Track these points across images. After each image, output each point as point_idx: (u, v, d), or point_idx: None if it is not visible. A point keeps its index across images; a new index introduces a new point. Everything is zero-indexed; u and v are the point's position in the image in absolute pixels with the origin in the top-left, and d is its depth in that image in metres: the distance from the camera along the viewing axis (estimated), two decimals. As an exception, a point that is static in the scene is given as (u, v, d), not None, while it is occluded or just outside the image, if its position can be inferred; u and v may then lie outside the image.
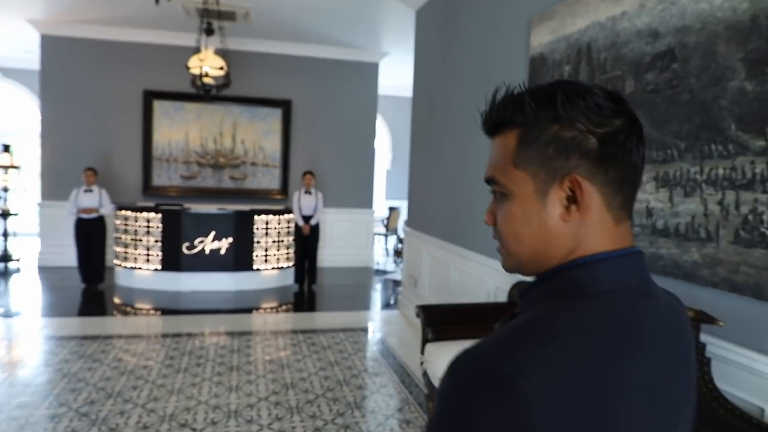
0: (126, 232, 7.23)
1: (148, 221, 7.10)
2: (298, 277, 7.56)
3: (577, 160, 0.70)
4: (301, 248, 7.47)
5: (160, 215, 7.09)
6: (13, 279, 7.86)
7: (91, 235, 7.02)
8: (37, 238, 8.58)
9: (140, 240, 7.14)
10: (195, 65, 6.10)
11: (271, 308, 6.85)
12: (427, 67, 6.07)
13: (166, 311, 6.47)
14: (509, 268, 0.79)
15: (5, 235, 8.56)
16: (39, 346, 4.88)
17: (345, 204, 9.18)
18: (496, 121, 0.76)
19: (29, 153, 11.12)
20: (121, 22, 8.10)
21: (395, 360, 4.83)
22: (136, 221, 7.15)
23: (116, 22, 8.11)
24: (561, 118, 0.70)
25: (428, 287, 5.64)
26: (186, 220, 7.12)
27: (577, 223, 0.71)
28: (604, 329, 0.64)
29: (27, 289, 7.31)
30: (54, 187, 8.24)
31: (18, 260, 8.60)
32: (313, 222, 7.37)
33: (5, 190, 8.53)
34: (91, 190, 6.98)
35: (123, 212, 7.25)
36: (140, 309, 6.53)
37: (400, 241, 9.20)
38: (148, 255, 7.14)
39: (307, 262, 7.51)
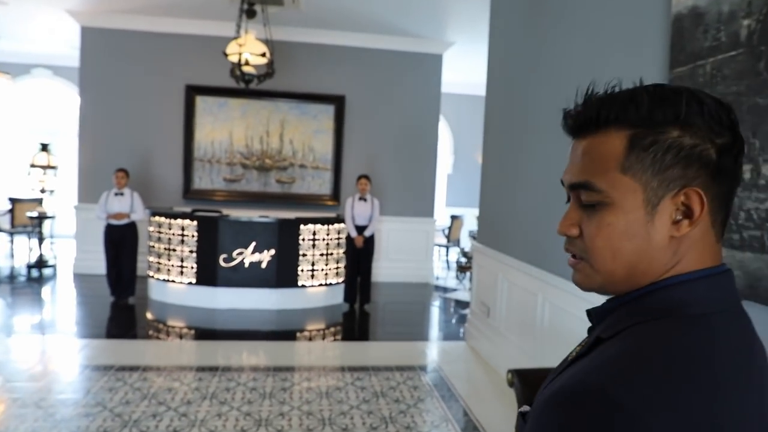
0: (159, 240, 6.50)
1: (183, 229, 6.34)
2: (349, 296, 6.63)
3: (696, 171, 0.65)
4: (353, 263, 6.53)
5: (195, 222, 6.31)
6: (46, 288, 7.29)
7: (120, 243, 6.32)
8: (74, 242, 8.03)
9: (173, 250, 6.39)
10: (233, 51, 5.27)
11: (317, 331, 5.95)
12: (505, 55, 5.04)
13: (199, 333, 5.68)
14: (592, 286, 0.71)
15: (41, 239, 8.05)
16: (56, 376, 4.13)
17: (403, 212, 8.20)
18: (596, 118, 0.68)
19: (71, 153, 10.71)
20: (163, 10, 7.43)
21: (460, 406, 3.79)
22: (169, 228, 6.40)
23: (157, 11, 7.45)
24: (682, 123, 0.64)
25: (505, 320, 4.57)
26: (223, 229, 6.31)
27: (681, 240, 0.66)
28: (719, 359, 0.60)
29: (57, 301, 6.69)
30: (91, 188, 7.64)
31: (53, 266, 8.08)
32: (367, 233, 6.42)
33: (42, 191, 8.00)
34: (122, 194, 6.28)
35: (156, 218, 6.52)
36: (171, 329, 5.76)
37: (464, 254, 8.15)
38: (182, 267, 6.37)
39: (359, 278, 6.57)
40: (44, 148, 7.95)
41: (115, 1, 7.21)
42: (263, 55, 5.39)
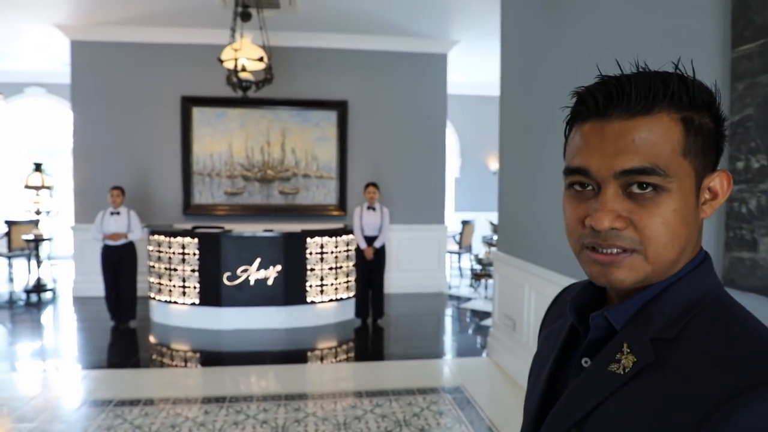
0: (159, 260, 6.17)
1: (183, 247, 6.01)
2: (361, 311, 6.28)
3: (715, 155, 0.67)
4: (363, 276, 6.19)
5: (196, 240, 5.98)
6: (44, 313, 6.98)
7: (119, 265, 6.00)
8: (73, 264, 7.72)
9: (174, 269, 6.06)
10: (229, 57, 4.95)
11: (329, 350, 5.62)
12: (520, 49, 4.71)
13: (204, 357, 5.35)
14: (636, 280, 0.66)
15: (38, 262, 7.73)
16: (51, 413, 3.80)
17: (413, 219, 7.86)
18: (650, 99, 0.64)
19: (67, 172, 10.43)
20: (154, 20, 7.14)
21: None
22: (169, 247, 6.07)
23: (149, 21, 7.15)
24: (713, 107, 0.66)
25: (534, 334, 4.22)
26: (226, 245, 5.99)
27: (700, 223, 0.69)
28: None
29: (55, 328, 6.37)
30: (88, 208, 7.33)
31: (53, 290, 7.76)
32: (377, 244, 6.08)
33: (38, 212, 7.69)
34: (118, 213, 5.97)
35: (155, 237, 6.20)
36: (175, 353, 5.43)
37: (478, 261, 7.80)
38: (184, 287, 6.04)
39: (371, 292, 6.23)
40: (38, 168, 7.65)
41: (104, 12, 6.93)
42: (261, 59, 5.08)
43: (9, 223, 8.43)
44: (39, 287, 7.62)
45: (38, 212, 7.70)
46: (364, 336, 6.06)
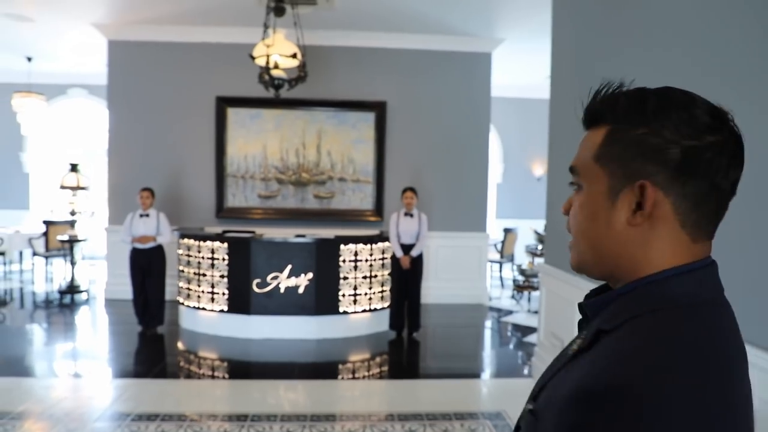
0: (189, 264, 5.98)
1: (213, 252, 5.79)
2: (396, 323, 5.94)
3: (655, 167, 0.69)
4: (399, 286, 5.85)
5: (225, 245, 5.76)
6: (75, 316, 6.89)
7: (147, 269, 5.83)
8: (105, 266, 7.65)
9: (203, 275, 5.85)
10: (261, 53, 4.70)
11: (361, 363, 5.31)
12: (573, 46, 4.33)
13: (232, 367, 5.13)
14: (574, 265, 0.80)
15: (73, 263, 7.68)
16: (64, 426, 3.59)
17: (452, 227, 7.47)
18: (592, 115, 0.77)
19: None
20: (190, 19, 7.00)
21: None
22: (199, 252, 5.87)
23: (184, 19, 7.02)
24: (650, 123, 0.70)
25: (586, 357, 3.79)
26: (256, 251, 5.74)
27: (645, 232, 0.71)
28: (719, 346, 0.65)
29: (83, 332, 6.25)
30: (121, 209, 7.22)
31: (86, 291, 7.70)
32: (414, 253, 5.73)
33: (73, 213, 7.64)
34: (147, 215, 5.80)
35: (185, 241, 6.01)
36: (202, 362, 5.21)
37: (521, 272, 7.36)
38: (212, 293, 5.82)
39: (406, 303, 5.88)
40: (74, 168, 7.60)
41: (140, 11, 6.82)
42: (294, 56, 4.81)
43: (47, 223, 8.44)
44: (72, 288, 7.56)
45: (73, 213, 7.65)
46: (398, 350, 5.72)
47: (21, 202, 10.73)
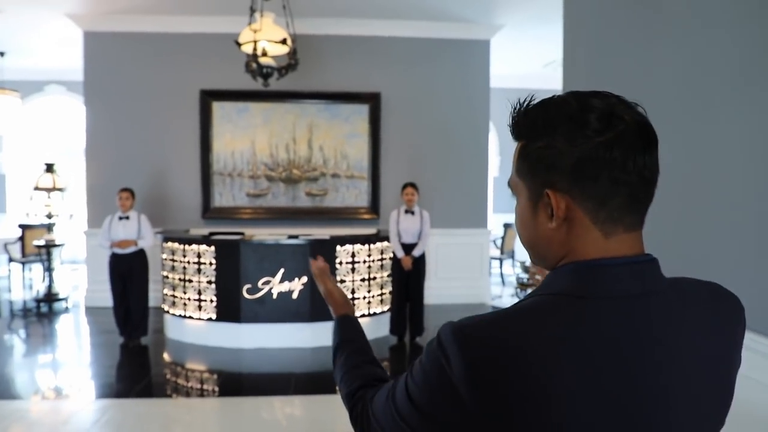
0: (173, 269, 5.57)
1: (199, 256, 5.39)
2: (396, 327, 5.58)
3: (556, 176, 0.74)
4: (400, 287, 5.48)
5: (212, 248, 5.36)
6: (53, 327, 6.47)
7: (128, 276, 5.42)
8: (85, 272, 7.22)
9: (189, 281, 5.45)
10: (248, 39, 4.30)
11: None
12: (588, 33, 3.95)
13: (222, 380, 4.76)
14: (532, 260, 0.86)
15: (50, 269, 7.23)
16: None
17: (452, 223, 7.11)
18: (512, 132, 0.82)
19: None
20: (171, 8, 6.58)
21: None
22: (184, 256, 5.47)
23: (164, 8, 6.60)
24: (544, 136, 0.75)
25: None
26: (246, 254, 5.34)
27: (564, 233, 0.76)
28: (556, 333, 0.68)
29: (60, 346, 5.83)
30: (100, 211, 6.76)
31: (65, 299, 7.25)
32: (416, 253, 5.37)
33: (49, 216, 7.19)
34: (127, 218, 5.39)
35: (169, 244, 5.60)
36: (190, 374, 4.83)
37: (525, 269, 7.00)
38: (199, 300, 5.43)
39: (408, 306, 5.52)
40: (49, 168, 7.14)
41: (116, 0, 6.38)
42: (284, 42, 4.41)
43: (23, 227, 7.99)
44: (50, 296, 7.12)
45: (50, 216, 7.20)
46: (400, 356, 5.37)
47: (-3, 205, 10.24)
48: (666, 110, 2.83)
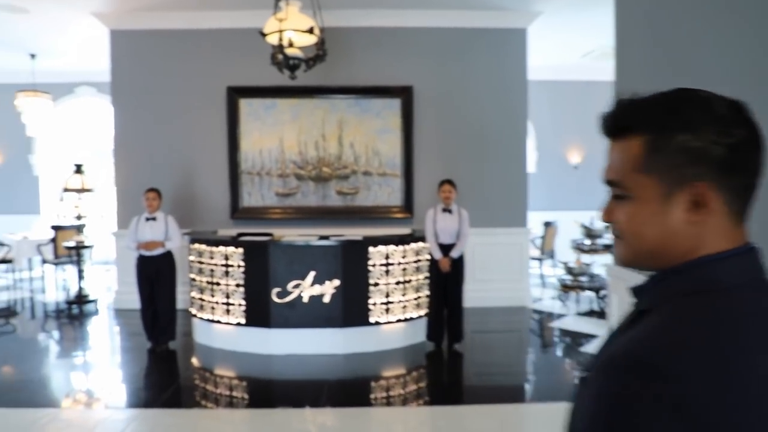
0: (201, 272, 5.38)
1: (227, 258, 5.19)
2: (434, 333, 5.27)
3: (704, 168, 0.74)
4: (437, 291, 5.18)
5: (240, 249, 5.15)
6: (82, 330, 6.36)
7: (156, 278, 5.25)
8: (114, 273, 7.12)
9: (217, 284, 5.25)
10: (273, 29, 4.05)
11: (396, 380, 4.67)
12: (645, 16, 3.61)
13: (251, 389, 4.55)
14: (625, 261, 0.84)
15: (81, 271, 7.15)
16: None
17: (489, 222, 6.77)
18: (621, 125, 0.80)
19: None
20: (197, 4, 6.41)
21: None
22: (211, 258, 5.27)
23: (191, 4, 6.43)
24: (689, 129, 0.74)
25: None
26: (275, 256, 5.11)
27: (699, 226, 0.76)
28: (748, 326, 0.69)
29: (89, 348, 5.70)
30: (129, 212, 6.64)
31: (94, 301, 7.17)
32: (455, 254, 5.06)
33: (78, 217, 7.11)
34: (154, 219, 5.22)
35: (196, 246, 5.42)
36: (219, 380, 4.61)
37: (569, 271, 6.64)
38: (228, 304, 5.22)
39: (446, 310, 5.21)
40: (78, 169, 7.06)
41: (143, -6, 6.24)
42: (310, 31, 4.16)
43: (55, 229, 7.95)
44: (81, 298, 7.04)
45: (79, 217, 7.11)
46: (437, 364, 5.07)
47: (31, 206, 10.29)
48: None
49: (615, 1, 4.08)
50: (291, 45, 4.18)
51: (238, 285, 5.16)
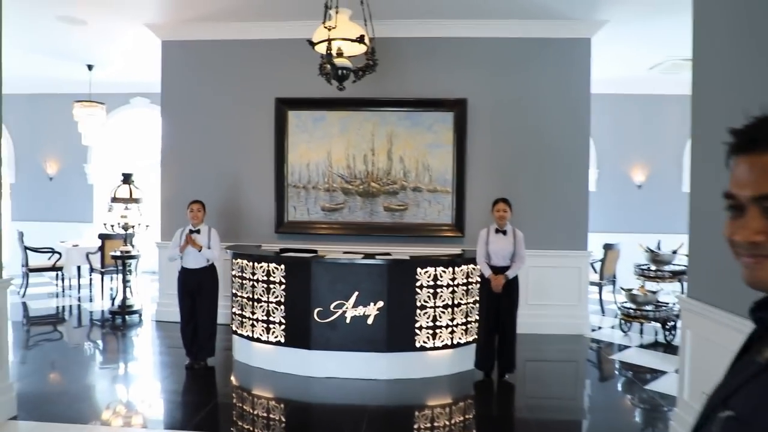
0: (242, 287, 5.21)
1: (268, 274, 4.99)
2: (483, 361, 4.91)
3: None
4: (489, 315, 4.82)
5: (282, 266, 4.94)
6: (123, 342, 6.30)
7: (197, 291, 5.10)
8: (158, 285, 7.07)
9: (258, 300, 5.06)
10: (321, 38, 3.85)
11: (442, 409, 4.34)
12: (728, 23, 3.23)
13: (289, 413, 4.29)
14: (755, 282, 0.80)
15: (126, 281, 7.13)
16: None
17: (546, 244, 6.36)
18: (760, 140, 0.77)
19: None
20: (247, 14, 6.33)
21: None
22: (253, 274, 5.08)
23: (241, 15, 6.36)
24: None
25: None
26: (318, 274, 4.88)
27: None
28: None
29: (128, 361, 5.60)
30: (174, 224, 6.57)
31: (138, 312, 7.13)
32: (511, 273, 4.71)
33: (125, 228, 7.10)
34: (198, 231, 5.08)
35: (238, 261, 5.25)
36: (257, 401, 4.39)
37: (633, 299, 6.15)
38: (268, 322, 5.02)
39: (497, 337, 4.84)
40: (126, 179, 7.06)
41: (194, 8, 6.20)
42: (360, 40, 3.93)
43: (102, 237, 8.00)
44: (124, 308, 7.01)
45: (126, 227, 7.11)
46: (486, 395, 4.70)
47: (85, 214, 10.49)
48: None
49: (693, 9, 3.70)
50: (340, 54, 3.96)
51: (278, 303, 4.95)
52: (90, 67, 8.57)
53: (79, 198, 10.52)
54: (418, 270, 4.85)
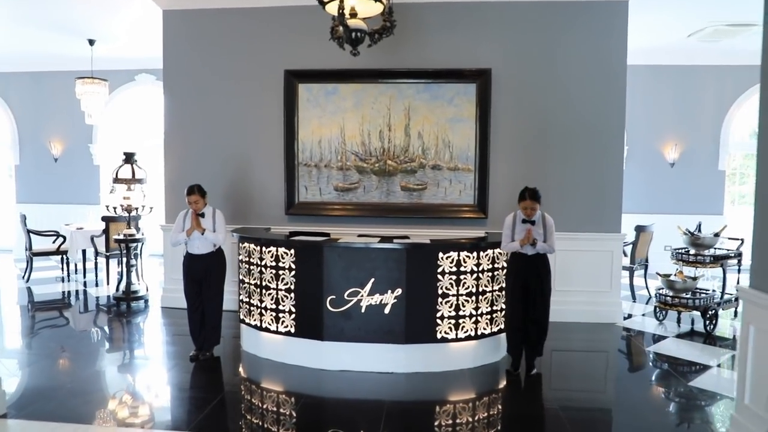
0: (249, 274, 4.84)
1: (277, 260, 4.61)
2: (513, 347, 4.50)
3: None
4: (515, 301, 4.41)
5: (292, 251, 4.55)
6: (128, 328, 5.99)
7: (205, 278, 4.76)
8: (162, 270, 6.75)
9: (266, 287, 4.69)
10: (333, -5, 3.41)
11: (464, 404, 3.97)
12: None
13: (300, 408, 3.93)
14: None
15: (129, 265, 6.81)
16: None
17: (575, 226, 5.92)
18: None
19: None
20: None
21: None
22: (261, 260, 4.71)
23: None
24: None
25: None
26: (331, 259, 4.49)
27: None
28: None
29: (130, 351, 5.28)
30: (178, 205, 6.22)
31: (143, 297, 6.82)
32: (540, 248, 4.28)
33: (128, 210, 6.76)
34: (202, 215, 4.73)
35: (245, 245, 4.88)
36: (266, 394, 4.04)
37: (670, 285, 5.70)
38: (277, 311, 4.65)
39: (529, 323, 4.43)
40: (128, 159, 6.69)
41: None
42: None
43: (106, 220, 7.67)
44: (128, 294, 6.70)
45: (128, 209, 6.76)
46: (513, 389, 4.31)
47: (91, 196, 10.19)
48: None
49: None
50: (354, 15, 3.52)
51: (288, 290, 4.58)
52: (91, 42, 8.19)
53: (84, 179, 10.22)
54: (440, 255, 4.44)
